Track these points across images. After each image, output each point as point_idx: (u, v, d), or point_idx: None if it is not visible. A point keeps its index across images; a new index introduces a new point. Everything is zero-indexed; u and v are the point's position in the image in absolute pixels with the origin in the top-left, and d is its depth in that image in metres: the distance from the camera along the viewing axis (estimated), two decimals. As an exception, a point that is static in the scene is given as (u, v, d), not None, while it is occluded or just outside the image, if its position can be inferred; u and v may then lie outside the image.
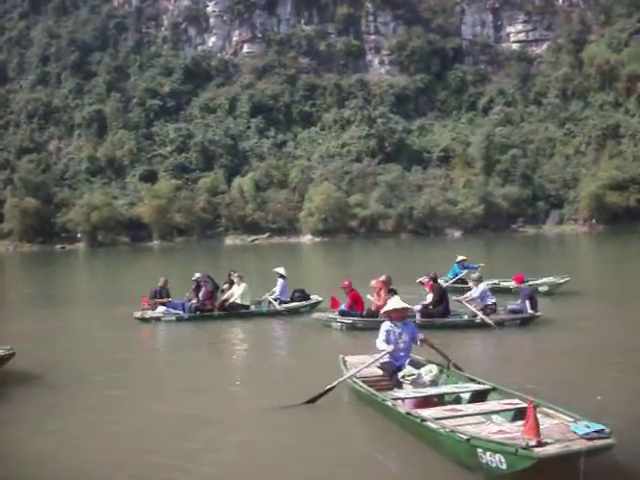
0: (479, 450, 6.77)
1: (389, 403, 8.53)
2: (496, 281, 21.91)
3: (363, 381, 9.54)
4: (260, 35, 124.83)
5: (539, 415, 7.34)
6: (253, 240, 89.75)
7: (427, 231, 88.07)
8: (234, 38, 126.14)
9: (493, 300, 15.95)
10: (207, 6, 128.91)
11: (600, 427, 6.71)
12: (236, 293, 18.69)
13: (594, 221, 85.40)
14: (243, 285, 18.75)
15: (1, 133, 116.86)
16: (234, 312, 18.45)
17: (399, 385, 9.35)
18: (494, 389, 8.75)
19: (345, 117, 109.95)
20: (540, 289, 20.69)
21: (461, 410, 8.05)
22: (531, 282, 21.03)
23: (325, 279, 17.31)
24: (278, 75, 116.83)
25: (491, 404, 8.31)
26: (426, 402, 8.66)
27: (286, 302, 18.96)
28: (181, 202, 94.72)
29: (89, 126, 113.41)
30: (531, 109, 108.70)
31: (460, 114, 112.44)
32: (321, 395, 9.45)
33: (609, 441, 6.55)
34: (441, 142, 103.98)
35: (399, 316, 9.94)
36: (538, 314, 15.56)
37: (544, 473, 6.40)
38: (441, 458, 7.35)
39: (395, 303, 10.04)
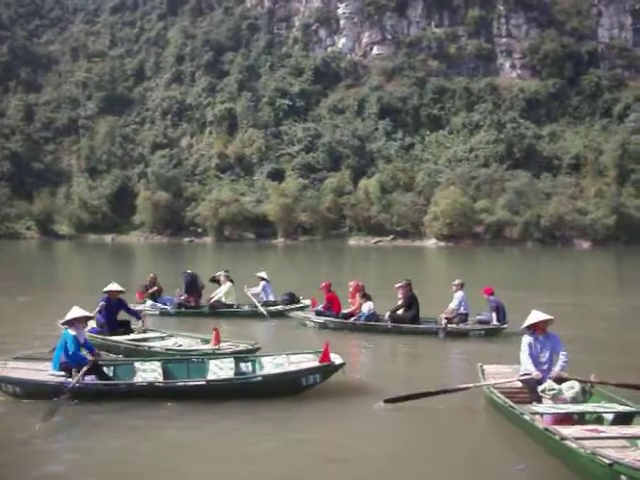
0: (622, 477, 6.46)
1: (527, 417, 8.29)
2: None
3: (500, 391, 9.38)
4: (390, 37, 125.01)
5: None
6: (377, 242, 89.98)
7: (554, 240, 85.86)
8: (364, 40, 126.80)
9: (466, 311, 16.00)
10: (338, 8, 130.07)
11: None
12: (221, 292, 19.11)
13: None
14: (228, 284, 19.17)
15: (137, 129, 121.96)
16: (218, 310, 18.80)
17: (539, 399, 9.10)
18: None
19: (474, 121, 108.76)
20: None
21: (603, 431, 7.69)
22: None
23: (447, 286, 17.15)
24: (407, 77, 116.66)
25: (637, 429, 7.85)
26: (565, 419, 8.37)
27: (274, 303, 19.33)
28: (307, 201, 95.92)
29: (220, 124, 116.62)
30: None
31: (593, 120, 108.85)
32: (449, 391, 9.52)
33: None
34: (572, 149, 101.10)
35: (540, 328, 9.62)
36: (504, 326, 15.48)
37: None
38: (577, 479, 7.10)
39: (535, 316, 9.68)
